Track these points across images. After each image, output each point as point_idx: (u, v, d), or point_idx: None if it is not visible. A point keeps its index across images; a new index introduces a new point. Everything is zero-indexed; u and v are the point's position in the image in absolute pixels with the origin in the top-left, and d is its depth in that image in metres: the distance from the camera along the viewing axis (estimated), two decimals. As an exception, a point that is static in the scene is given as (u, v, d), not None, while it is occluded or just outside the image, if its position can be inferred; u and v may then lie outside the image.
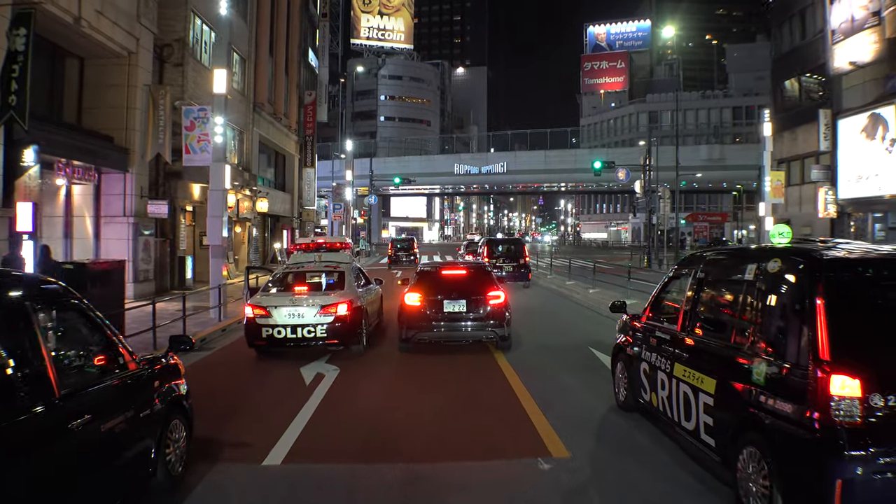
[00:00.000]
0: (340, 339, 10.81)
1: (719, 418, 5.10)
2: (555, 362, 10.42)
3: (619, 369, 7.68)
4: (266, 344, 10.78)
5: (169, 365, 5.51)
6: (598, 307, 16.48)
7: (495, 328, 11.04)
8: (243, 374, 9.71)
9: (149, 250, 18.76)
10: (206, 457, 5.84)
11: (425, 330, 11.00)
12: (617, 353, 7.84)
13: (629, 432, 6.72)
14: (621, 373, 7.56)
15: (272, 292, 11.60)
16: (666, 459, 5.91)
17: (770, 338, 4.69)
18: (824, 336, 4.10)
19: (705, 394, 5.29)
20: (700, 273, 6.06)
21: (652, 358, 6.50)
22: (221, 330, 13.22)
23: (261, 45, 29.96)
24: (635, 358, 7.01)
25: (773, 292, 4.81)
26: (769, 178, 27.34)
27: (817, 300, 4.21)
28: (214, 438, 6.36)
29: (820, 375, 4.03)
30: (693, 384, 5.52)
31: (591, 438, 6.58)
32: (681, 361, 5.84)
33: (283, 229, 35.44)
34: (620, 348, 7.68)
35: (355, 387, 8.75)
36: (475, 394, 8.38)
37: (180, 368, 5.74)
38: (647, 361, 6.64)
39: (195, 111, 15.72)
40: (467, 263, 12.86)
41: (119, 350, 4.73)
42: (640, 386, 6.79)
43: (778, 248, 5.44)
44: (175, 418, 5.31)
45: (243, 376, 9.51)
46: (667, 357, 6.15)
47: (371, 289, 13.30)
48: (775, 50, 36.08)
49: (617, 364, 7.78)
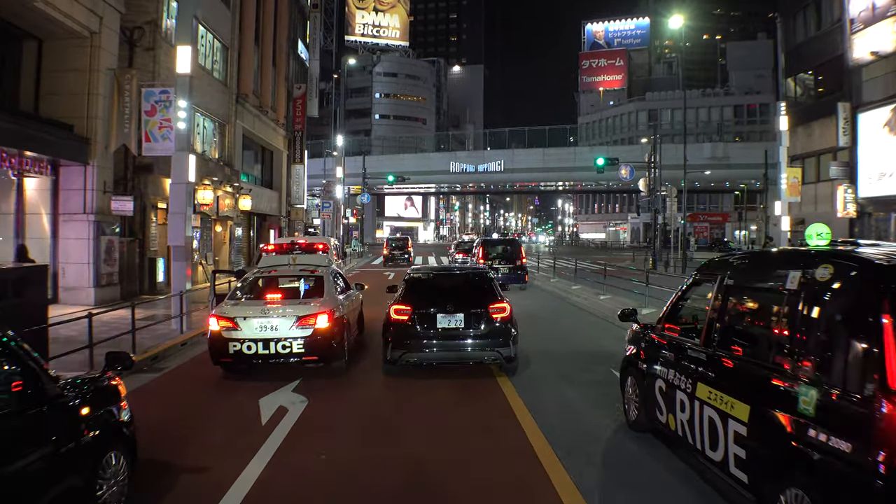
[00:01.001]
0: (320, 354, 9.30)
1: (754, 451, 4.41)
2: (575, 392, 8.67)
3: (629, 385, 6.88)
4: (233, 361, 9.21)
5: (103, 387, 4.78)
6: (612, 317, 14.78)
7: (499, 347, 9.29)
8: (188, 406, 7.88)
9: (113, 251, 16.99)
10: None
11: (415, 350, 9.26)
12: (627, 367, 7.05)
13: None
14: (632, 388, 6.77)
15: (241, 300, 9.93)
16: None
17: (820, 359, 3.97)
18: (894, 360, 3.43)
19: (736, 421, 4.57)
20: (728, 280, 5.31)
21: (669, 375, 5.78)
22: (181, 344, 11.44)
23: (245, 32, 28.17)
24: (649, 374, 6.26)
25: (824, 305, 4.07)
26: (785, 175, 25.65)
27: (883, 317, 3.53)
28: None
29: (888, 409, 3.36)
30: (721, 409, 4.80)
31: None
32: (705, 381, 5.13)
33: (271, 229, 33.65)
34: (631, 361, 6.91)
35: (323, 428, 6.92)
36: (476, 441, 6.63)
37: (120, 390, 4.99)
38: (663, 378, 5.91)
39: (156, 94, 13.93)
40: (465, 268, 11.03)
41: (31, 372, 4.00)
42: (655, 406, 6.04)
43: (826, 251, 4.59)
44: (112, 450, 4.57)
45: (187, 410, 7.68)
46: (688, 375, 5.43)
47: (351, 295, 11.69)
48: (787, 41, 34.47)
49: (627, 379, 6.97)
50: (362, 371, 10.02)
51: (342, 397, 8.27)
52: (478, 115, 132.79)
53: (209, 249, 24.31)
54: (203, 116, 23.43)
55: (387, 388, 9.00)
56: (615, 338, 12.42)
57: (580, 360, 10.58)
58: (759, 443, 4.36)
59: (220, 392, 8.56)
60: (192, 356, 10.88)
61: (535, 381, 9.15)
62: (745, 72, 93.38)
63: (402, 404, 7.99)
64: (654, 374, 6.11)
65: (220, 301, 10.18)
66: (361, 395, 8.44)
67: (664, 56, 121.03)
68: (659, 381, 5.96)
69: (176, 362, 10.45)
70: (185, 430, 6.76)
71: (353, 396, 8.35)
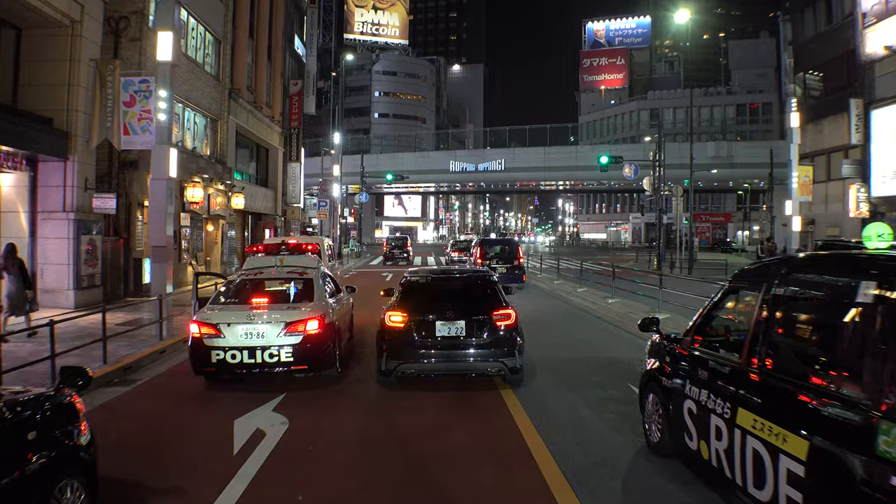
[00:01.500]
0: (310, 363, 8.62)
1: (814, 495, 3.68)
2: (587, 408, 7.82)
3: (651, 403, 6.17)
4: (216, 371, 8.48)
5: (57, 405, 4.20)
6: (623, 322, 13.94)
7: (504, 358, 8.45)
8: (152, 429, 6.94)
9: (95, 252, 16.14)
10: None
11: (412, 360, 8.44)
12: (648, 383, 6.28)
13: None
14: (654, 407, 6.05)
15: (224, 305, 9.13)
16: None
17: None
18: None
19: (791, 458, 3.85)
20: (777, 289, 4.52)
21: (702, 396, 5.04)
22: (159, 352, 10.58)
23: (239, 26, 27.33)
24: (676, 392, 5.53)
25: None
26: (796, 173, 24.88)
27: None
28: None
29: None
30: (770, 441, 4.06)
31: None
32: (749, 407, 4.37)
33: (266, 228, 32.79)
34: (653, 377, 6.14)
35: (303, 458, 5.99)
36: (482, 474, 5.75)
37: (78, 408, 4.38)
38: (693, 399, 5.17)
39: (136, 83, 13.04)
40: (466, 271, 10.14)
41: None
42: (683, 429, 5.31)
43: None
44: (67, 478, 3.96)
45: (150, 435, 6.75)
46: (725, 398, 4.68)
47: (342, 299, 10.92)
48: (796, 38, 33.64)
49: (648, 396, 6.24)
50: (354, 381, 9.19)
51: (328, 417, 7.38)
52: (478, 114, 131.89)
53: (200, 249, 23.45)
54: (193, 111, 22.59)
55: (379, 403, 8.15)
56: (628, 345, 11.61)
57: (591, 370, 9.72)
58: (822, 486, 3.62)
59: (193, 410, 7.68)
60: (170, 366, 10.02)
61: (543, 396, 8.31)
62: (747, 71, 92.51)
63: (395, 425, 7.13)
64: (681, 393, 5.37)
65: (204, 305, 9.37)
66: (350, 414, 7.55)
67: (665, 55, 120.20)
68: (688, 402, 5.23)
69: (152, 373, 9.58)
70: (141, 462, 5.85)
71: (340, 416, 7.44)
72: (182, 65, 21.12)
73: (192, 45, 22.30)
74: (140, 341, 11.14)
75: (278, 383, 8.78)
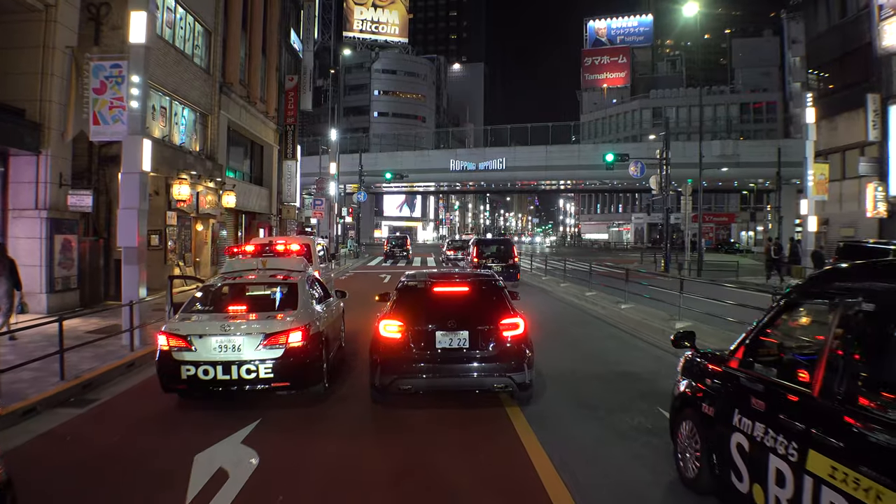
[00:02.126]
0: (293, 380, 7.63)
1: None
2: (607, 431, 6.79)
3: (685, 430, 5.29)
4: (187, 388, 7.52)
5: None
6: (640, 330, 12.87)
7: (511, 373, 7.47)
8: (95, 467, 5.78)
9: (70, 252, 15.08)
10: None
11: (408, 374, 7.45)
12: (682, 408, 5.42)
13: None
14: (690, 437, 5.19)
15: (197, 314, 8.13)
16: None
17: None
18: None
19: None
20: (866, 303, 3.59)
21: (756, 430, 4.19)
22: (127, 365, 9.51)
23: (232, 17, 26.27)
24: (720, 421, 4.69)
25: None
26: (812, 171, 23.82)
27: None
28: None
29: None
30: (857, 497, 3.21)
31: None
32: (824, 450, 3.53)
33: (260, 228, 31.71)
34: (688, 401, 5.30)
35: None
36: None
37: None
38: (743, 432, 4.33)
39: (107, 68, 11.94)
40: (469, 275, 9.03)
41: None
42: (730, 467, 4.46)
43: None
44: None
45: (89, 476, 5.57)
46: (791, 435, 3.84)
47: (331, 304, 9.92)
48: (808, 31, 32.59)
49: (682, 423, 5.36)
50: (343, 399, 8.16)
51: (306, 449, 6.30)
52: (478, 114, 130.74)
53: (188, 250, 22.39)
54: (182, 105, 21.51)
55: (370, 428, 7.11)
56: (647, 357, 10.54)
57: (608, 385, 8.68)
58: None
59: (150, 439, 6.57)
60: (137, 382, 8.95)
61: (555, 416, 7.30)
62: (750, 69, 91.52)
63: (388, 456, 6.10)
64: (727, 424, 4.52)
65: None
66: (333, 445, 6.46)
67: (667, 54, 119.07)
68: (737, 435, 4.37)
69: (115, 390, 8.51)
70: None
71: (321, 449, 6.35)
72: (170, 56, 20.12)
73: (180, 35, 21.25)
74: (109, 352, 10.08)
75: (256, 402, 7.77)
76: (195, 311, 8.25)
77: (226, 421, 6.97)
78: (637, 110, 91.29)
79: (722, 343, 9.81)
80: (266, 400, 7.89)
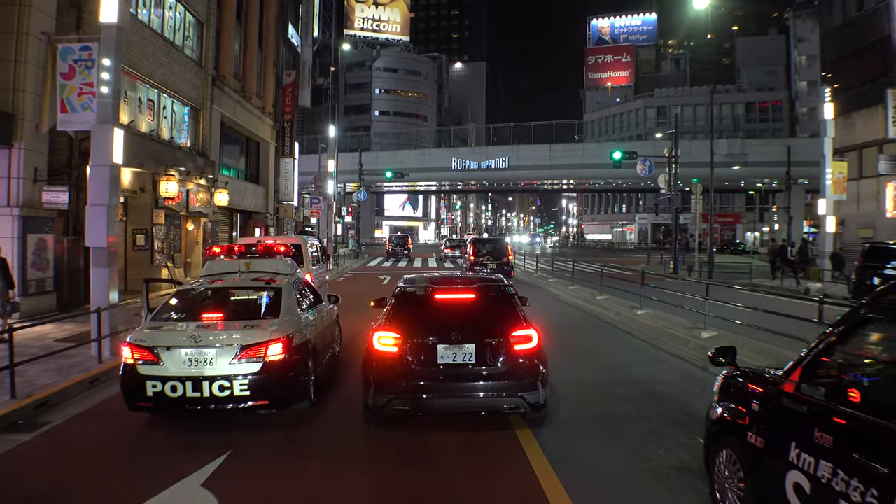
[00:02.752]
0: (273, 398, 6.71)
1: None
2: (632, 460, 5.81)
3: (725, 462, 4.51)
4: (153, 406, 6.60)
5: None
6: (660, 341, 11.83)
7: (524, 392, 6.53)
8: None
9: (46, 253, 14.10)
10: None
11: (406, 394, 6.50)
12: (720, 436, 4.66)
13: None
14: (731, 470, 4.41)
15: (168, 321, 7.25)
16: None
17: None
18: None
19: None
20: None
21: (820, 469, 3.45)
22: (90, 381, 8.49)
23: (226, 8, 25.27)
24: (770, 454, 3.96)
25: None
26: (830, 169, 22.79)
27: None
28: None
29: None
30: None
31: None
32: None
33: (256, 227, 30.72)
34: (729, 427, 4.56)
35: None
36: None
37: None
38: (802, 471, 3.59)
39: (75, 51, 10.92)
40: (475, 280, 7.95)
41: None
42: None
43: None
44: None
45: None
46: (869, 478, 3.10)
47: (323, 310, 8.96)
48: (823, 25, 31.57)
49: (721, 453, 4.58)
50: (331, 419, 7.19)
51: (283, 489, 5.26)
52: (480, 113, 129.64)
53: (177, 250, 21.38)
54: (171, 98, 20.51)
55: (360, 455, 6.10)
56: (673, 372, 9.49)
57: (633, 407, 7.66)
58: None
59: (95, 479, 5.47)
60: (99, 400, 7.93)
61: (574, 445, 6.32)
62: (756, 68, 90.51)
63: (378, 496, 5.11)
64: (781, 458, 3.79)
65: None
66: (317, 478, 5.45)
67: (671, 53, 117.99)
68: (793, 473, 3.65)
69: (72, 410, 7.46)
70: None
71: (301, 486, 5.32)
72: (158, 46, 19.14)
73: (169, 25, 20.25)
74: (74, 364, 9.08)
75: (232, 423, 6.83)
76: (166, 318, 7.30)
77: (191, 451, 5.97)
78: (641, 109, 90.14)
79: (757, 357, 8.81)
80: (243, 419, 6.91)
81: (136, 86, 18.26)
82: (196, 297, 7.91)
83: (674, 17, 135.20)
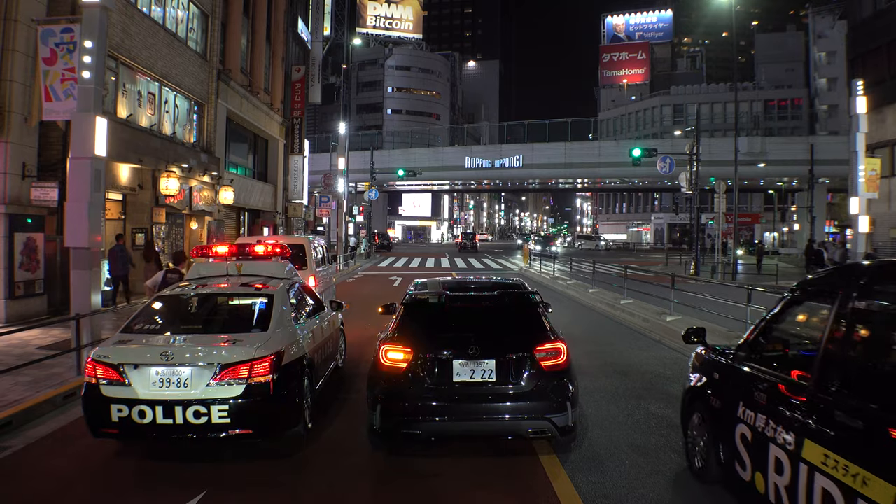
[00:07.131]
0: (258, 426, 5.77)
1: None
2: (680, 494, 4.93)
3: (695, 424, 5.39)
4: (118, 433, 5.67)
5: None
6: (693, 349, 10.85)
7: (551, 414, 5.70)
8: None
9: (35, 253, 13.30)
10: None
11: (417, 416, 5.66)
12: (692, 402, 5.47)
13: None
14: (698, 430, 5.29)
15: (141, 334, 6.25)
16: None
17: None
18: None
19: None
20: (857, 301, 3.65)
21: (758, 421, 4.24)
22: (64, 396, 7.63)
23: (232, 1, 24.48)
24: (725, 414, 4.74)
25: None
26: (863, 166, 21.60)
27: None
28: None
29: None
30: (845, 482, 3.26)
31: None
32: (819, 440, 3.55)
33: (264, 226, 29.90)
34: (698, 394, 5.37)
35: None
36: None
37: None
38: (747, 424, 4.37)
39: (56, 33, 10.05)
40: (495, 285, 6.98)
41: None
42: (734, 457, 4.52)
43: None
44: None
45: None
46: (789, 426, 3.88)
47: (324, 319, 8.05)
48: (851, 17, 30.34)
49: (692, 417, 5.45)
50: (330, 447, 6.28)
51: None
52: (493, 112, 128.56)
53: (179, 250, 20.55)
54: (173, 92, 19.69)
55: (363, 497, 5.18)
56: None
57: (664, 420, 6.73)
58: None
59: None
60: (71, 419, 7.04)
61: (605, 469, 5.45)
62: (774, 65, 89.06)
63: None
64: (732, 416, 4.61)
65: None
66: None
67: (686, 51, 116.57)
68: (740, 427, 4.46)
69: (34, 434, 6.57)
70: None
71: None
72: (159, 37, 18.35)
73: (171, 15, 19.45)
74: (50, 376, 8.24)
75: (211, 454, 5.94)
76: (138, 330, 6.37)
77: (158, 492, 5.07)
78: (657, 107, 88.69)
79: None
80: (225, 449, 6.03)
81: (136, 78, 17.47)
82: (176, 304, 7.01)
83: (689, 14, 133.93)
